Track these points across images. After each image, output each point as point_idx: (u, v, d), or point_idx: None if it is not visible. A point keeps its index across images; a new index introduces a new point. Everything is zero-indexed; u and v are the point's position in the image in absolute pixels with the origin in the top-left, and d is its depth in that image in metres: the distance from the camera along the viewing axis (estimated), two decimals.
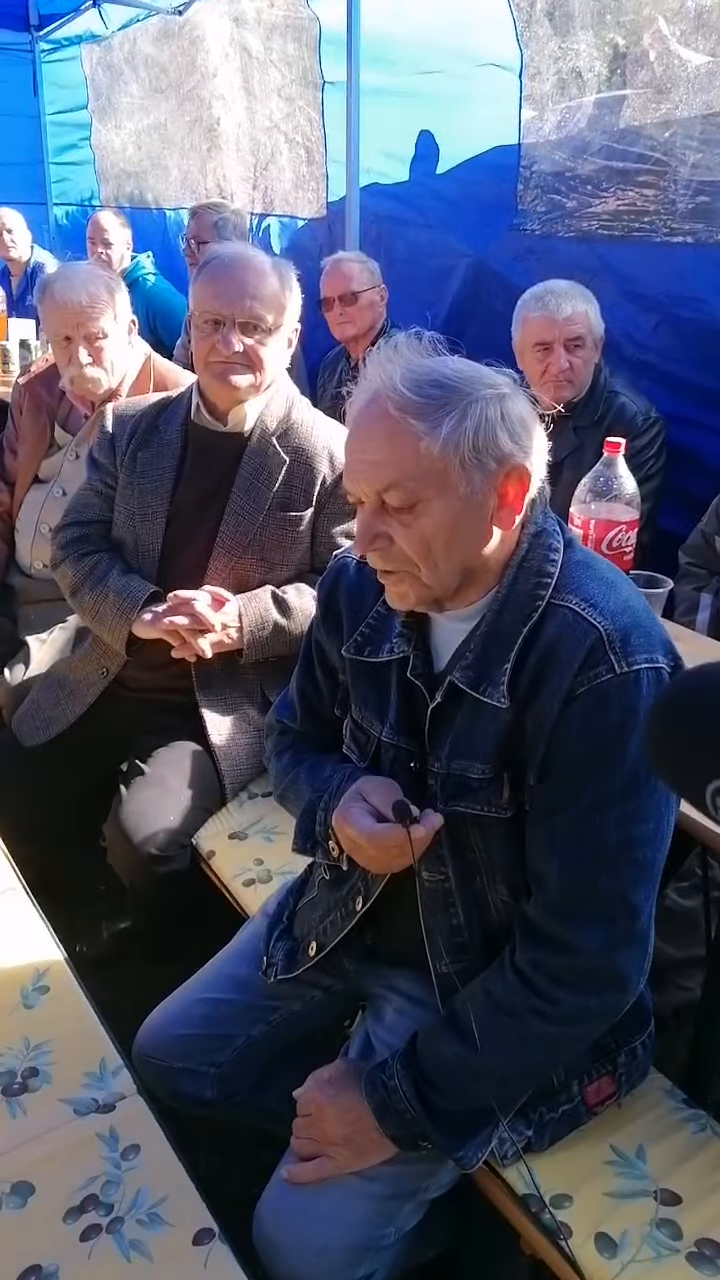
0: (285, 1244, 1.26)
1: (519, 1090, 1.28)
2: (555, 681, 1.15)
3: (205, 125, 5.35)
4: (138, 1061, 1.46)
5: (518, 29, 3.40)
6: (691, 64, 2.88)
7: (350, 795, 1.27)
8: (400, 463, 1.13)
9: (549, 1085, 1.31)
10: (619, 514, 1.99)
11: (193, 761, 2.05)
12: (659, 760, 0.53)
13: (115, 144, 6.23)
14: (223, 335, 1.95)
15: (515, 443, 1.15)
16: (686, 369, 2.93)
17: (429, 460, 1.12)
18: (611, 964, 1.18)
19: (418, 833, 1.20)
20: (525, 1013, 1.19)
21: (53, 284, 2.47)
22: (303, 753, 1.49)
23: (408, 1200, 1.30)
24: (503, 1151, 1.30)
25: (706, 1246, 1.23)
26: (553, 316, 2.53)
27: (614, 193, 3.13)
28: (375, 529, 1.17)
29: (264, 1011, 1.49)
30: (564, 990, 1.18)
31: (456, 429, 1.12)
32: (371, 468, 1.16)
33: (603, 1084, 1.35)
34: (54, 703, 2.19)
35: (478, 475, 1.14)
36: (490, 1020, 1.21)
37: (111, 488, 2.15)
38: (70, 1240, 1.15)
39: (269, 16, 4.69)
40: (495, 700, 1.18)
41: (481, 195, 3.63)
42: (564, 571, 1.20)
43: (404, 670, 1.28)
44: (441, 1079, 1.24)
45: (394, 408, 1.12)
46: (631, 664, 1.14)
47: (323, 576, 1.45)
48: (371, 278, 3.48)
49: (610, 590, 1.19)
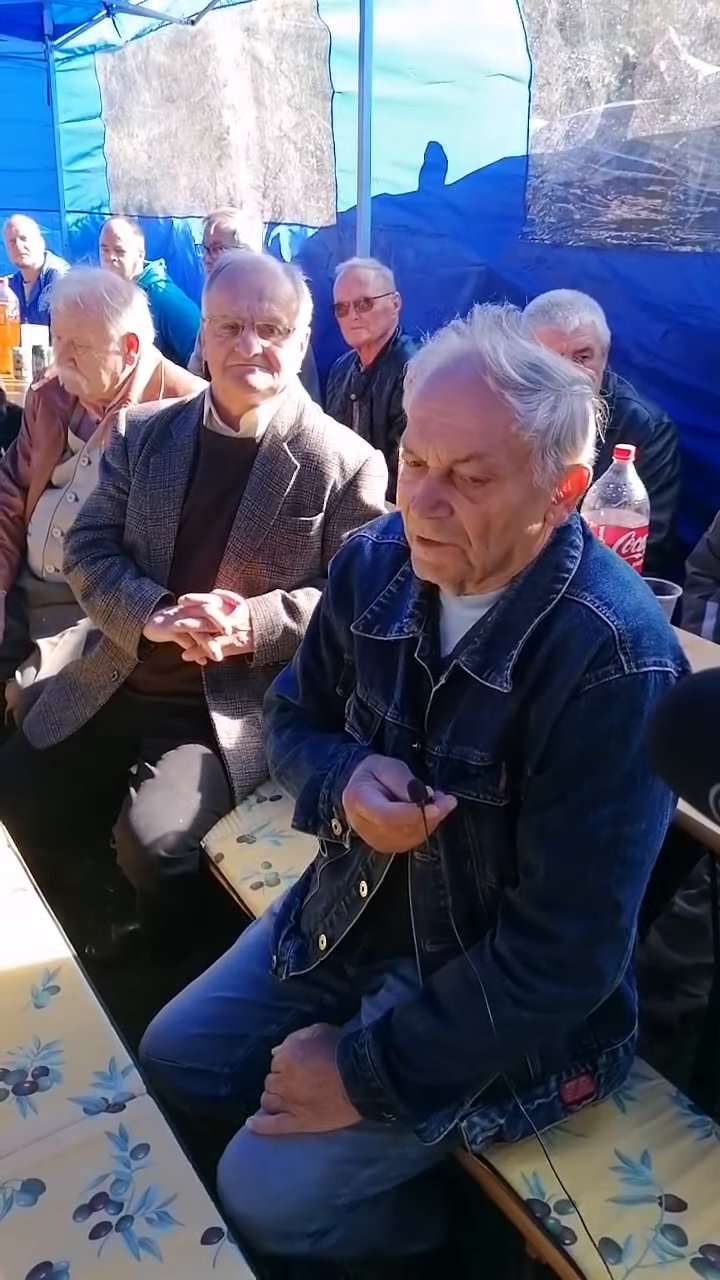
0: (239, 1188, 1.29)
1: (486, 1070, 1.29)
2: (563, 676, 1.16)
3: (215, 134, 5.40)
4: (145, 1062, 1.47)
5: (528, 39, 3.43)
6: (701, 75, 2.90)
7: (360, 774, 1.27)
8: (489, 436, 1.12)
9: (525, 1076, 1.32)
10: (628, 520, 1.99)
11: (202, 764, 2.06)
12: (662, 762, 0.54)
13: (127, 152, 6.28)
14: (241, 338, 1.97)
15: (587, 443, 1.18)
16: (696, 377, 2.94)
17: (517, 442, 1.12)
18: (590, 957, 1.19)
19: (431, 812, 1.20)
20: (500, 996, 1.20)
21: (59, 285, 2.51)
22: (303, 730, 1.49)
23: (366, 1166, 1.32)
24: (471, 1136, 1.31)
25: (711, 1253, 1.23)
26: (560, 330, 2.53)
27: (623, 202, 3.14)
28: (438, 496, 1.16)
29: (276, 1012, 1.50)
30: (540, 978, 1.19)
31: (548, 418, 1.13)
32: (456, 434, 1.13)
33: (581, 1082, 1.36)
34: (65, 705, 2.21)
35: (553, 468, 1.15)
36: (464, 1000, 1.22)
37: (124, 492, 2.16)
38: (80, 1238, 1.16)
39: (280, 27, 4.73)
40: (498, 685, 1.19)
41: (491, 204, 3.65)
42: (582, 568, 1.21)
43: (412, 651, 1.29)
44: (411, 1052, 1.25)
45: (494, 381, 1.11)
46: (641, 665, 1.15)
47: (336, 555, 1.45)
48: (386, 284, 3.51)
49: (626, 591, 1.20)
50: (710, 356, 2.90)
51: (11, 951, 1.56)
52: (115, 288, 2.50)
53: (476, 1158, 1.36)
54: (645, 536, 2.02)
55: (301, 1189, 1.30)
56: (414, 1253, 1.53)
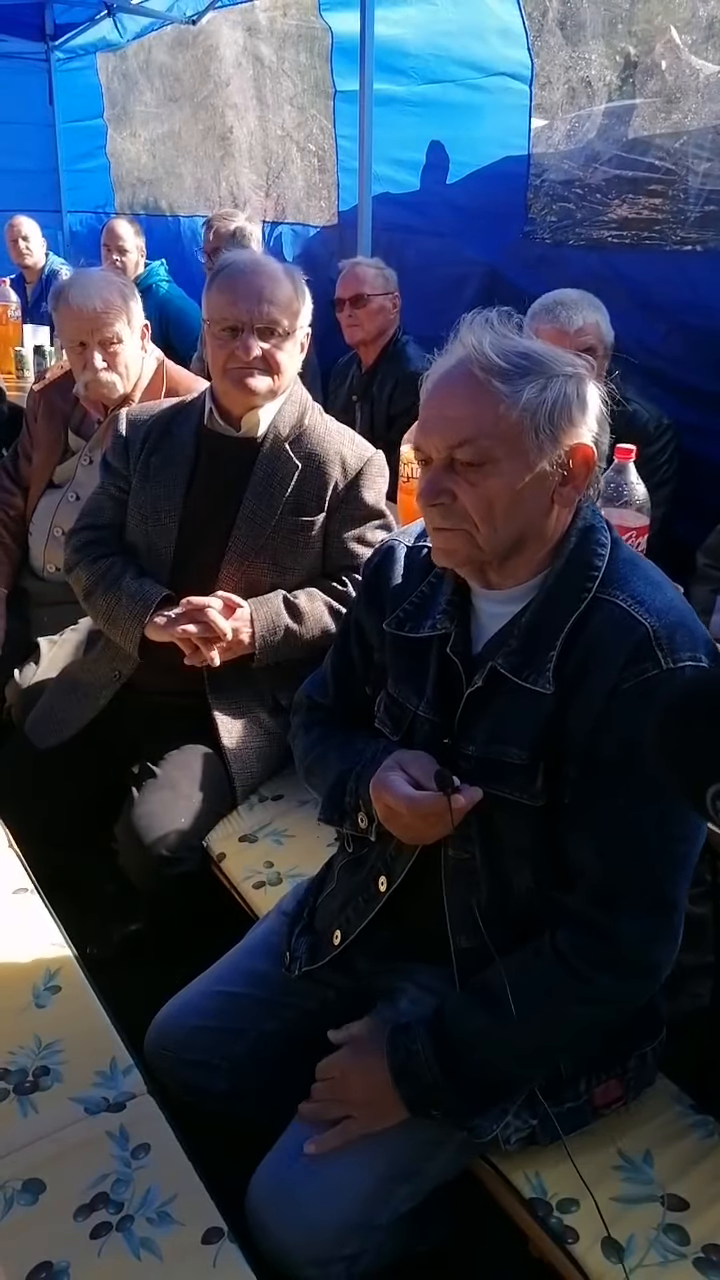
0: (273, 1220, 1.27)
1: (539, 1066, 1.29)
2: (600, 675, 1.18)
3: (218, 134, 5.40)
4: (149, 1053, 1.47)
5: (529, 38, 3.42)
6: (702, 74, 2.89)
7: (388, 765, 1.29)
8: (478, 419, 1.17)
9: (556, 1079, 1.32)
10: (630, 520, 2.00)
11: (204, 764, 2.06)
12: (665, 762, 0.54)
13: (130, 152, 6.28)
14: (241, 341, 1.96)
15: (586, 422, 1.20)
16: (698, 377, 2.94)
17: (506, 422, 1.17)
18: (647, 953, 1.21)
19: (458, 802, 1.21)
20: (563, 994, 1.21)
21: (67, 290, 2.48)
22: (331, 729, 1.51)
23: (403, 1183, 1.31)
24: (505, 1135, 1.31)
25: (714, 1252, 1.23)
26: (564, 329, 2.53)
27: (624, 202, 3.14)
28: (441, 484, 1.21)
29: (278, 1007, 1.50)
30: (601, 974, 1.20)
31: (537, 397, 1.17)
32: (448, 423, 1.20)
33: (611, 1086, 1.36)
34: (66, 706, 2.21)
35: (549, 446, 1.19)
36: (527, 998, 1.22)
37: (125, 492, 2.16)
38: (80, 1238, 1.16)
39: (281, 26, 4.73)
40: (541, 687, 1.20)
41: (492, 204, 3.65)
42: (611, 567, 1.23)
43: (444, 647, 1.31)
44: (466, 1048, 1.26)
45: (479, 369, 1.18)
46: (677, 660, 1.16)
47: (369, 556, 1.50)
48: (385, 284, 3.50)
49: (656, 590, 1.22)
50: (712, 356, 2.89)
51: (13, 951, 1.56)
52: (125, 280, 2.57)
53: (480, 1158, 1.36)
54: (646, 536, 2.02)
55: (341, 1214, 1.27)
56: (417, 1252, 1.53)
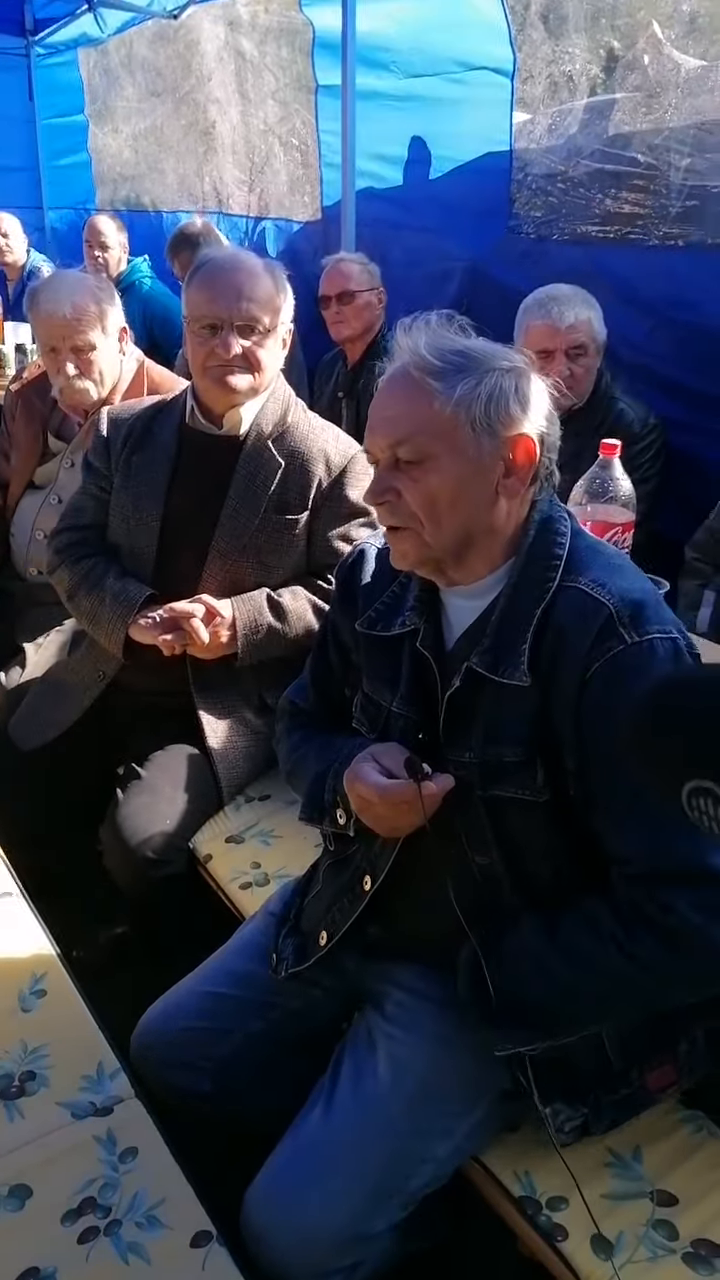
0: (272, 1234, 1.26)
1: (571, 1013, 1.26)
2: (570, 662, 1.18)
3: (201, 129, 5.37)
4: (135, 1055, 1.47)
5: (511, 33, 3.42)
6: (684, 68, 2.89)
7: (361, 757, 1.30)
8: (414, 418, 1.21)
9: (606, 1070, 1.31)
10: (615, 515, 1.99)
11: (189, 765, 2.05)
12: (640, 758, 0.53)
13: (112, 147, 6.24)
14: (221, 339, 1.95)
15: (525, 414, 1.22)
16: (682, 373, 2.94)
17: (441, 419, 1.19)
18: (701, 929, 1.13)
19: (429, 789, 1.21)
20: (606, 939, 1.18)
21: (39, 294, 2.45)
22: (312, 732, 1.53)
23: (397, 1193, 1.30)
24: (558, 1124, 1.30)
25: (702, 1247, 1.23)
26: (555, 325, 2.52)
27: (607, 196, 3.14)
28: (386, 483, 1.24)
29: (263, 1008, 1.49)
30: (648, 934, 1.16)
31: (470, 392, 1.19)
32: (387, 423, 1.24)
33: (665, 1071, 1.35)
34: (50, 707, 2.19)
35: (487, 440, 1.20)
36: (575, 930, 1.21)
37: (106, 492, 2.15)
38: (68, 1243, 1.15)
39: (263, 21, 4.71)
40: (518, 680, 1.20)
41: (476, 199, 3.64)
42: (572, 555, 1.24)
43: (414, 643, 1.32)
44: (510, 959, 1.24)
45: (415, 369, 1.21)
46: (644, 634, 1.16)
47: (342, 559, 1.51)
48: (370, 280, 3.50)
49: (617, 573, 1.23)
50: (696, 352, 2.90)
51: None
52: (102, 284, 2.52)
53: (471, 1158, 1.36)
54: (632, 531, 2.02)
55: (338, 1225, 1.25)
56: (408, 1252, 1.53)
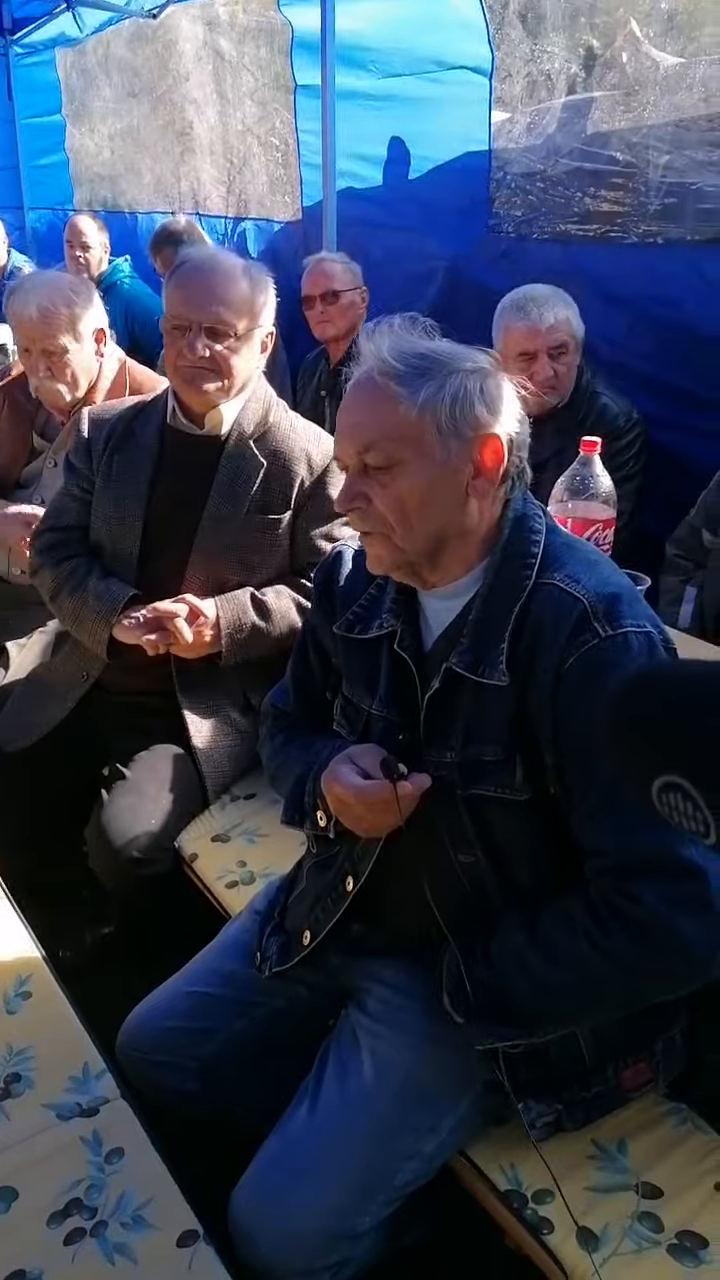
0: (258, 1232, 1.26)
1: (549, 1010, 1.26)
2: (546, 657, 1.18)
3: (178, 129, 5.35)
4: (120, 1055, 1.47)
5: (489, 31, 3.42)
6: (662, 66, 2.91)
7: (338, 759, 1.30)
8: (380, 424, 1.21)
9: (580, 1066, 1.32)
10: (596, 512, 2.00)
11: (174, 764, 2.05)
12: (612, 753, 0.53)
13: (90, 148, 6.21)
14: (188, 341, 1.94)
15: (492, 414, 1.22)
16: (662, 369, 2.95)
17: (407, 423, 1.19)
18: (671, 923, 1.13)
19: (404, 789, 1.21)
20: (579, 934, 1.19)
21: (11, 296, 2.44)
22: (294, 734, 1.53)
23: (382, 1190, 1.30)
24: (530, 1119, 1.31)
25: (687, 1239, 1.24)
26: (536, 326, 2.53)
27: (585, 195, 3.15)
28: (355, 489, 1.24)
29: (248, 1006, 1.50)
30: (619, 928, 1.16)
31: (435, 396, 1.19)
32: (354, 429, 1.24)
33: (640, 1069, 1.36)
34: (34, 708, 2.19)
35: (454, 442, 1.20)
36: (554, 926, 1.22)
37: (88, 492, 2.14)
38: (54, 1245, 1.15)
39: (242, 21, 4.70)
40: (496, 679, 1.21)
41: (455, 198, 3.64)
42: (547, 553, 1.25)
43: (393, 644, 1.32)
44: (495, 958, 1.25)
45: (378, 374, 1.21)
46: (617, 628, 1.17)
47: (319, 564, 1.51)
48: (353, 279, 3.51)
49: (592, 568, 1.23)
50: (675, 348, 2.91)
51: None
52: (75, 286, 2.49)
53: (457, 1152, 1.37)
54: (613, 528, 2.03)
55: (323, 1223, 1.26)
56: (399, 1249, 1.53)
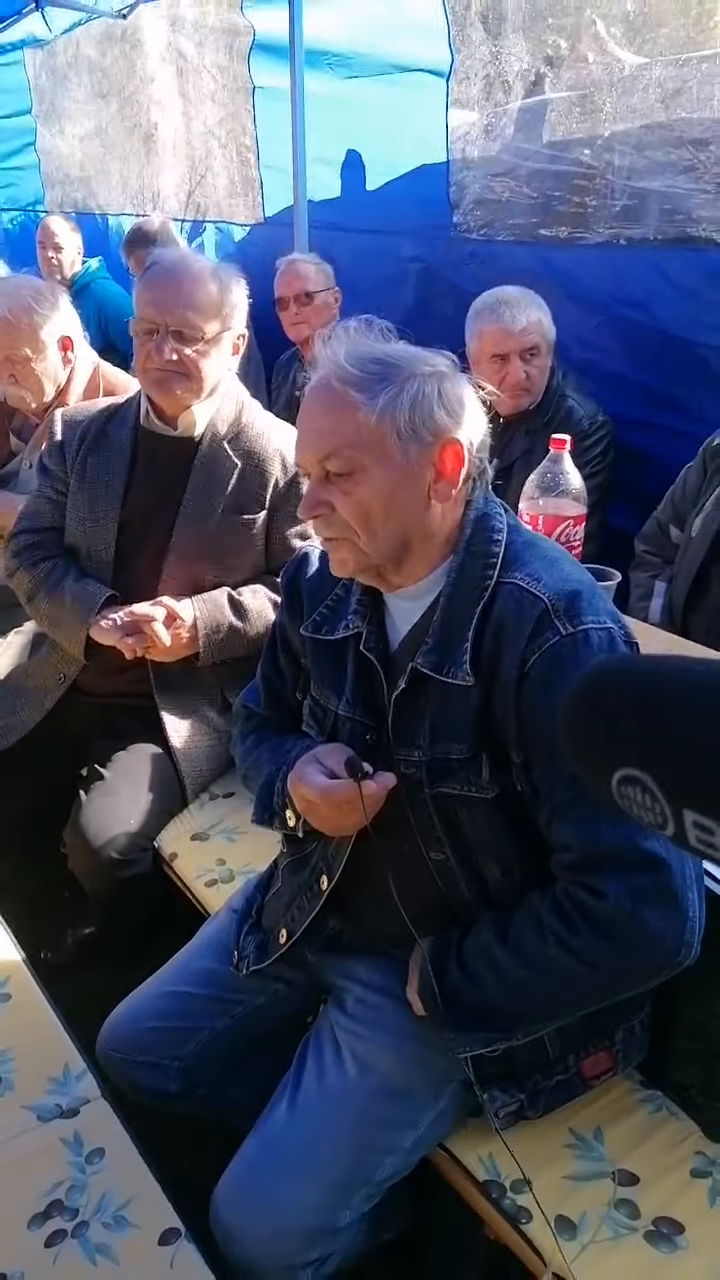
0: (240, 1229, 1.27)
1: (524, 1011, 1.27)
2: (509, 656, 1.20)
3: (144, 130, 5.33)
4: (101, 1056, 1.47)
5: (450, 33, 3.42)
6: (623, 67, 2.93)
7: (305, 759, 1.31)
8: (339, 431, 1.21)
9: (544, 1056, 1.33)
10: (566, 509, 2.02)
11: (153, 764, 2.05)
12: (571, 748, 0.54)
13: (60, 149, 6.17)
14: (156, 343, 1.94)
15: (451, 418, 1.22)
16: (629, 369, 2.97)
17: (366, 430, 1.19)
18: (636, 916, 1.14)
19: (369, 788, 1.22)
20: (547, 933, 1.19)
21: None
22: (265, 735, 1.53)
23: (362, 1185, 1.31)
24: (495, 1109, 1.32)
25: (663, 1224, 1.26)
26: (508, 329, 2.54)
27: (550, 196, 3.16)
28: (318, 497, 1.24)
29: (227, 1005, 1.50)
30: (586, 926, 1.17)
31: (393, 401, 1.19)
32: (314, 436, 1.23)
33: (600, 1058, 1.37)
34: (11, 710, 2.18)
35: (414, 447, 1.21)
36: (522, 928, 1.23)
37: (63, 494, 2.14)
38: (34, 1246, 1.15)
39: (208, 21, 4.68)
40: (460, 679, 1.22)
41: (419, 200, 3.63)
42: (509, 551, 1.25)
43: (359, 645, 1.33)
44: (470, 960, 1.26)
45: (336, 381, 1.20)
46: (578, 625, 1.18)
47: (286, 564, 1.51)
48: (326, 279, 3.51)
49: (553, 566, 1.24)
50: (643, 348, 2.93)
51: None
52: (39, 293, 2.45)
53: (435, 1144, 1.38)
54: (583, 524, 2.05)
55: (304, 1220, 1.27)
56: (377, 1241, 1.54)
